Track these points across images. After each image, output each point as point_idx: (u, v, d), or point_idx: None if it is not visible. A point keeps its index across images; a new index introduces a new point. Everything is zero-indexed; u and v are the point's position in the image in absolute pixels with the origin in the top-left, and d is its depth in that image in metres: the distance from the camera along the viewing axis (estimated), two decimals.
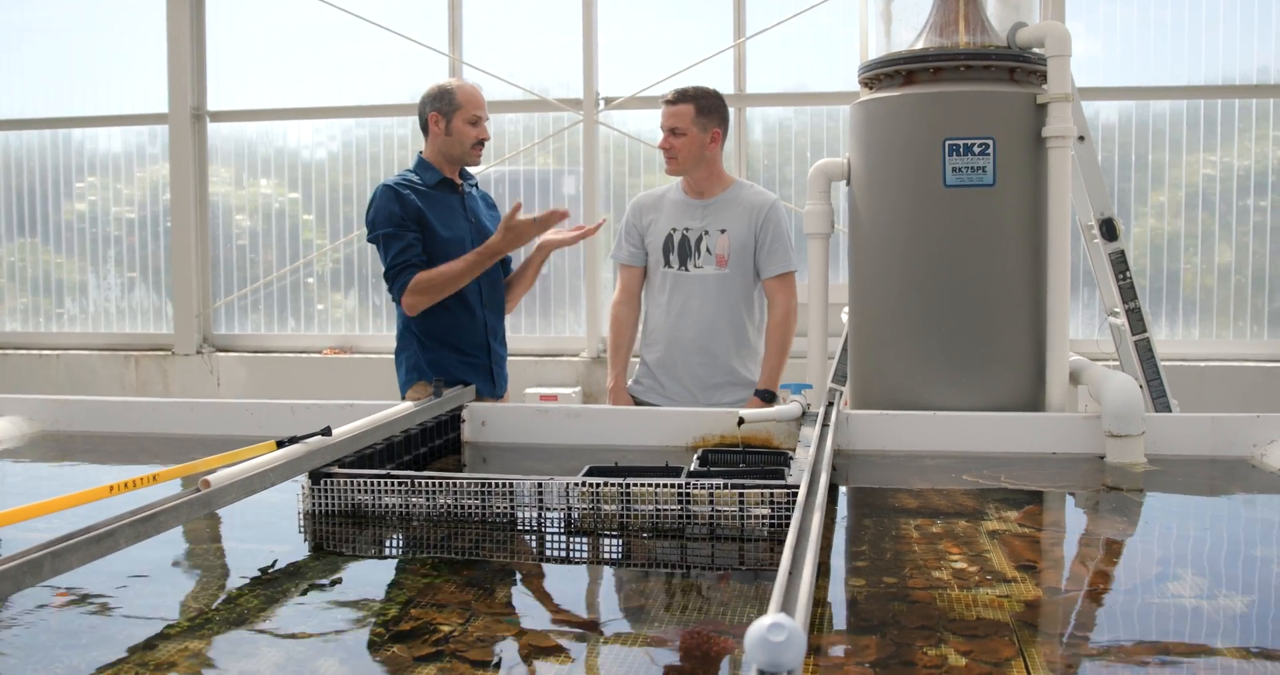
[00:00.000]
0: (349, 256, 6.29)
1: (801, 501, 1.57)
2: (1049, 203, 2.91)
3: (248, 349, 6.29)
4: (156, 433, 3.09)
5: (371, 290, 6.29)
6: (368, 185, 6.24)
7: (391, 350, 6.20)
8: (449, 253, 3.05)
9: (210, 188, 6.33)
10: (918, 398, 2.98)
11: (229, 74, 6.32)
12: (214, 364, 6.18)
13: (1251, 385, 5.28)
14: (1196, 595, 1.65)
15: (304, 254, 6.30)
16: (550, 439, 2.93)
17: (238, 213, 6.40)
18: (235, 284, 6.39)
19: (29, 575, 1.14)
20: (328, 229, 6.29)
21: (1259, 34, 5.52)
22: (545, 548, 1.90)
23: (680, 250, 3.48)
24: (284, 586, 1.64)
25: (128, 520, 1.34)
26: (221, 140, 6.37)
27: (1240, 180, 5.55)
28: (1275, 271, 5.55)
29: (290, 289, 6.35)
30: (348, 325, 6.33)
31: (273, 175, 6.34)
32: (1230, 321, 5.59)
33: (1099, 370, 2.83)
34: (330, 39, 6.27)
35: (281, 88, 6.30)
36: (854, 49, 5.83)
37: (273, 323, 6.38)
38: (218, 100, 6.30)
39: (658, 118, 3.44)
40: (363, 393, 5.77)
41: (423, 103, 3.09)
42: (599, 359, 5.89)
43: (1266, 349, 5.52)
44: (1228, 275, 5.59)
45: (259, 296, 6.37)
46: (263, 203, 6.38)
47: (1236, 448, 2.65)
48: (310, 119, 6.26)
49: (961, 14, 2.98)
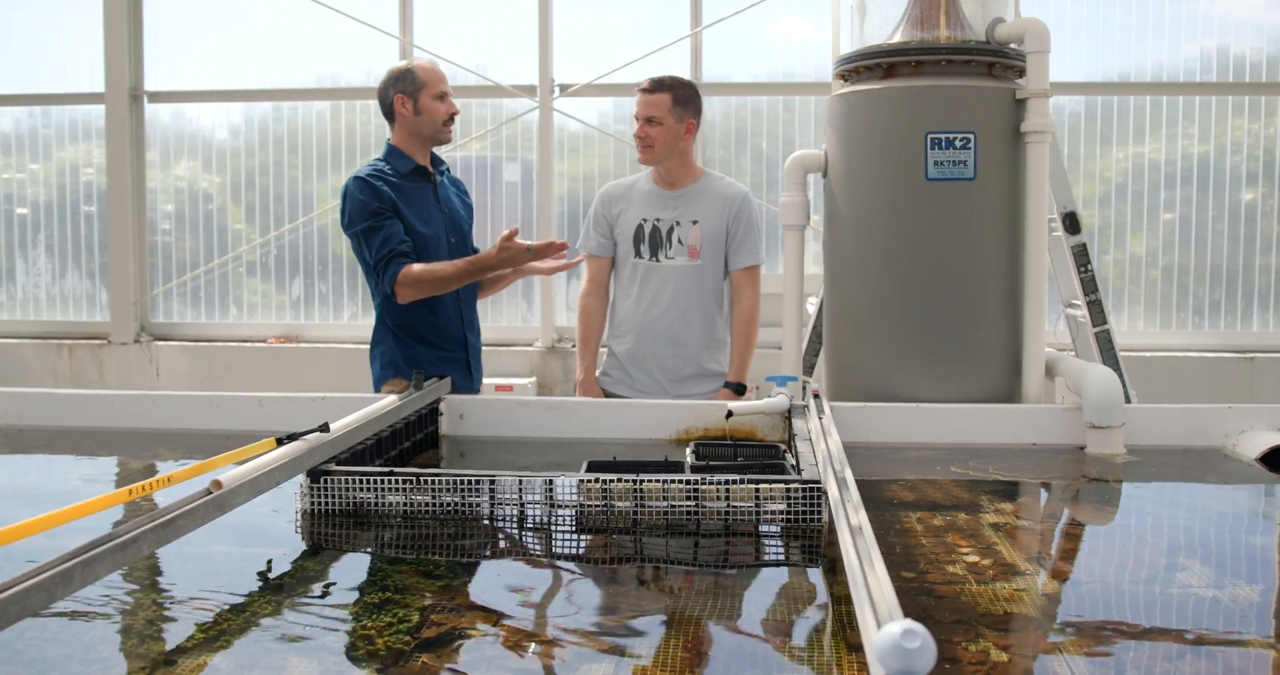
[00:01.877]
0: (293, 243, 6.13)
1: (837, 497, 1.55)
2: (1027, 197, 2.94)
3: (188, 338, 6.10)
4: (115, 427, 2.97)
5: (317, 277, 6.15)
6: (314, 170, 6.09)
7: (338, 339, 6.15)
8: (423, 246, 2.98)
9: (148, 170, 6.11)
10: (896, 389, 3.00)
11: (168, 53, 6.10)
12: (153, 353, 5.98)
13: (1191, 377, 5.44)
14: (1208, 584, 1.68)
15: (246, 240, 6.13)
16: (530, 432, 2.88)
17: (174, 197, 6.19)
18: (175, 270, 6.18)
19: (61, 586, 1.07)
20: (271, 216, 6.12)
21: (1153, 33, 5.68)
22: (556, 545, 1.86)
23: (651, 241, 3.45)
24: (296, 590, 1.58)
25: (149, 526, 1.27)
26: (159, 123, 6.15)
27: (1152, 173, 5.70)
28: (1200, 263, 5.71)
29: (232, 276, 6.17)
30: (292, 313, 6.17)
31: (214, 159, 6.14)
32: (1157, 312, 5.75)
33: (1077, 363, 2.88)
34: (276, 19, 6.09)
35: (224, 68, 6.11)
36: (810, 40, 5.87)
37: (213, 311, 6.20)
38: (156, 80, 6.08)
39: (613, 105, 3.40)
40: (310, 383, 5.62)
41: (384, 88, 3.01)
42: (553, 349, 5.84)
43: (1208, 340, 5.69)
44: (1143, 266, 5.74)
45: (199, 284, 6.18)
46: (204, 187, 6.17)
47: (1209, 438, 2.72)
48: (254, 101, 6.07)
49: (942, 8, 2.99)
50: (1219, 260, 5.71)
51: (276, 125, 6.09)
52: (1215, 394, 5.24)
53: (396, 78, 3.00)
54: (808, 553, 1.80)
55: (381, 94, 3.02)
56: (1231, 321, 5.74)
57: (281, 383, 5.65)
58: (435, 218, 3.05)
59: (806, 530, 1.83)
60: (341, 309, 6.16)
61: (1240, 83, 5.62)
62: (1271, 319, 5.73)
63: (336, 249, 6.12)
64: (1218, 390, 5.31)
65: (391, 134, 3.06)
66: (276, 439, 1.80)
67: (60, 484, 2.51)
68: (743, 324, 3.42)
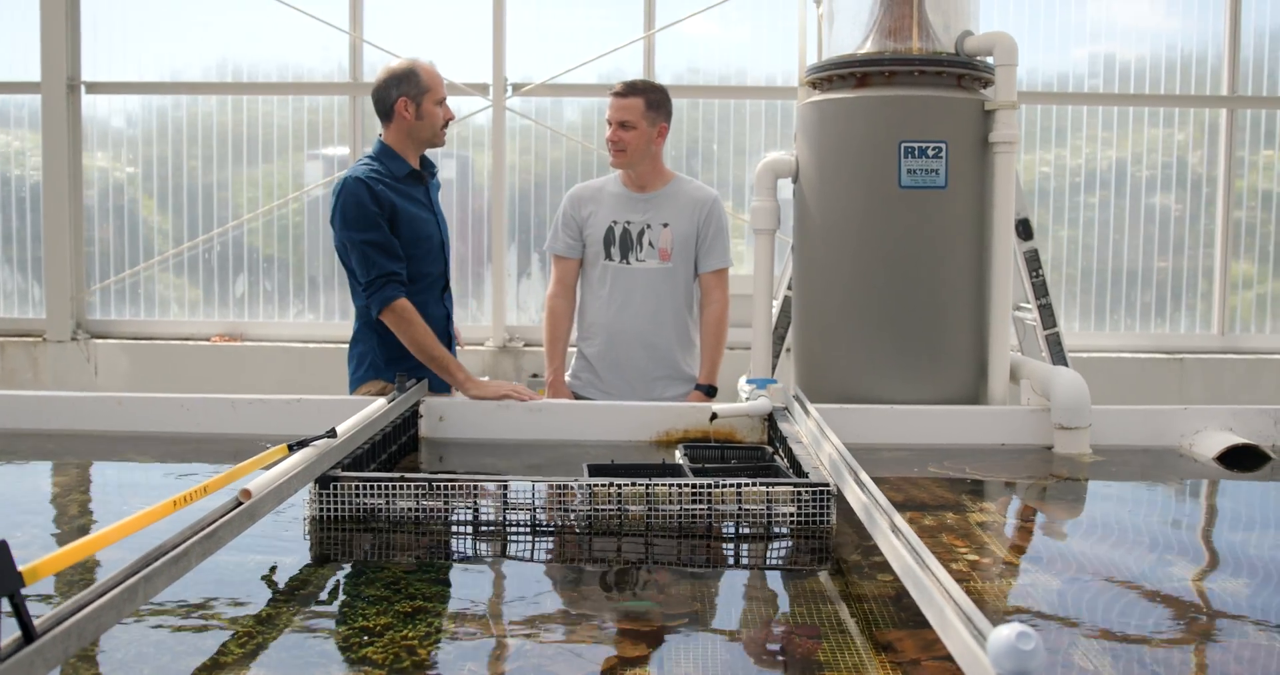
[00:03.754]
0: (237, 239, 6.01)
1: (865, 501, 1.60)
2: (995, 205, 3.04)
3: (127, 336, 5.94)
4: (79, 430, 2.89)
5: (261, 275, 6.03)
6: (259, 164, 5.98)
7: (285, 337, 6.04)
8: (415, 250, 2.95)
9: (84, 163, 5.93)
10: (866, 391, 3.07)
11: (107, 43, 5.93)
12: (90, 351, 5.81)
13: (1125, 375, 5.64)
14: (1200, 577, 1.77)
15: (189, 236, 5.98)
16: (510, 434, 2.89)
17: (113, 191, 6.02)
18: (113, 266, 6.02)
19: (128, 603, 1.06)
20: (215, 213, 5.99)
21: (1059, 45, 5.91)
22: (570, 550, 1.88)
23: (622, 243, 3.47)
24: (322, 601, 1.57)
25: (195, 538, 1.25)
26: (100, 114, 5.98)
27: (1072, 176, 5.92)
28: (1117, 267, 5.94)
29: (174, 272, 6.02)
30: (236, 311, 6.05)
31: (155, 153, 5.98)
32: (1092, 314, 5.96)
33: (1043, 366, 2.99)
34: (223, 9, 5.96)
35: (166, 60, 5.96)
36: (762, 45, 5.94)
37: (154, 308, 6.04)
38: (94, 71, 5.91)
39: (565, 106, 3.40)
40: (255, 383, 5.53)
41: (385, 88, 2.95)
42: (505, 348, 5.82)
43: (1139, 341, 5.92)
44: (1063, 267, 5.96)
45: (139, 280, 6.02)
46: (143, 182, 6.01)
47: (1166, 438, 2.85)
48: (197, 94, 5.93)
49: (915, 20, 3.07)
50: (1135, 265, 5.94)
51: (221, 118, 5.96)
52: (1148, 395, 5.45)
53: (400, 79, 2.94)
54: (818, 555, 1.85)
55: (381, 94, 2.96)
56: (1161, 323, 5.97)
57: (228, 382, 5.54)
58: (427, 220, 3.03)
59: (816, 532, 1.88)
60: (287, 307, 6.06)
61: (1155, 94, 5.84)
62: (1198, 321, 5.98)
63: (269, 249, 6.02)
64: (1150, 391, 5.52)
65: (385, 133, 3.01)
66: (288, 445, 1.79)
67: (33, 495, 2.44)
68: (713, 327, 3.45)
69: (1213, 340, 5.92)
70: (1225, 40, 5.82)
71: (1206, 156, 5.93)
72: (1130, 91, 5.85)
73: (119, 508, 2.18)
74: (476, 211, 5.96)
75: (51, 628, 0.92)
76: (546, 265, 6.06)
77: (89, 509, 2.20)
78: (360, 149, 5.90)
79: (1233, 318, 5.97)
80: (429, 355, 2.90)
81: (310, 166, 6.06)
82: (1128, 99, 5.85)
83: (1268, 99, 5.85)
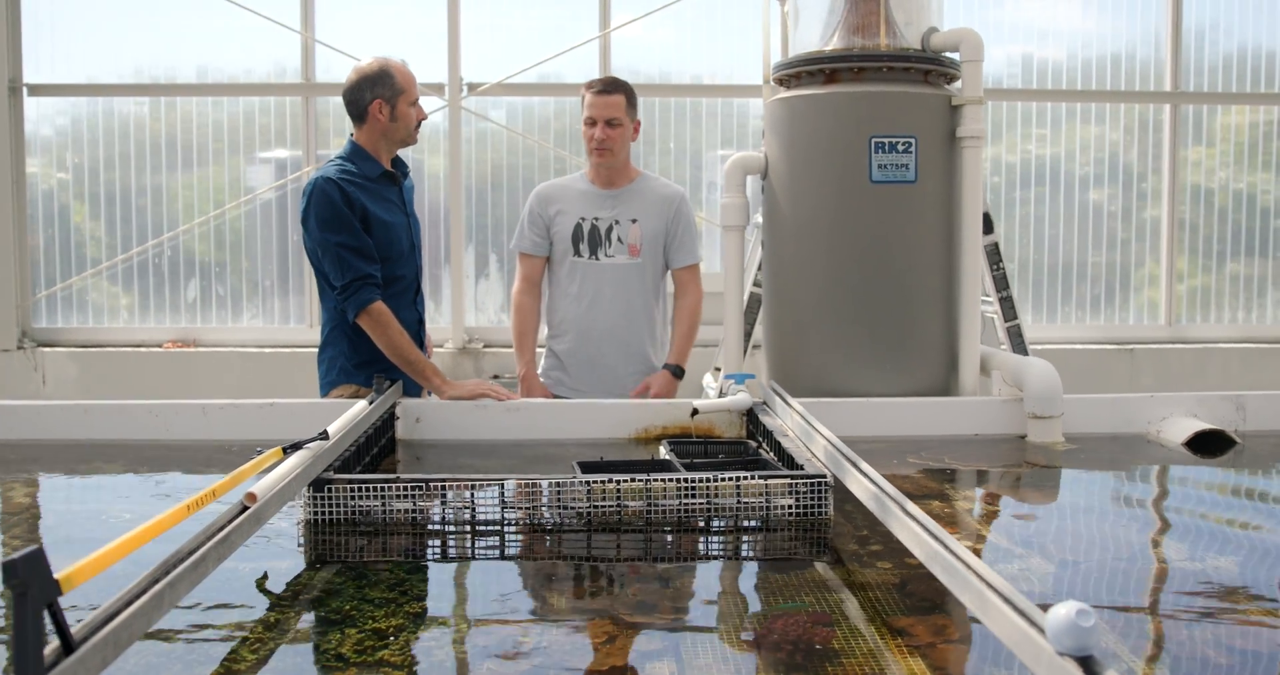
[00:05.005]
0: (188, 243, 5.89)
1: (873, 491, 1.62)
2: (963, 198, 3.09)
3: (75, 343, 5.79)
4: (45, 440, 2.82)
5: (214, 279, 5.92)
6: (210, 167, 5.86)
7: (239, 343, 5.93)
8: (388, 252, 2.91)
9: (28, 168, 5.78)
10: (838, 384, 3.10)
11: (49, 43, 5.77)
12: (38, 360, 5.65)
13: (1078, 366, 5.76)
14: (1187, 558, 1.82)
15: (138, 242, 5.85)
16: (488, 434, 2.87)
17: (56, 195, 5.86)
18: (59, 273, 5.86)
19: (155, 609, 1.03)
20: (164, 216, 5.86)
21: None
22: (569, 547, 1.87)
23: (590, 239, 3.47)
24: (328, 605, 1.55)
25: (210, 543, 1.23)
26: (44, 116, 5.83)
27: (1009, 172, 6.05)
28: (1053, 261, 6.07)
29: (123, 278, 5.88)
30: (188, 316, 5.93)
31: (101, 156, 5.84)
32: (1044, 306, 6.09)
33: (1013, 357, 3.04)
34: (167, 9, 5.84)
35: (111, 61, 5.82)
36: (714, 43, 5.97)
37: (102, 315, 5.90)
38: (37, 72, 5.75)
39: (520, 105, 3.36)
40: (213, 388, 5.43)
41: (358, 89, 2.90)
42: (464, 350, 5.78)
43: (1090, 332, 6.06)
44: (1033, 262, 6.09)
45: (86, 286, 5.88)
46: (89, 186, 5.86)
47: (1134, 425, 2.92)
48: (145, 96, 5.80)
49: (882, 17, 3.11)
50: (1080, 258, 6.07)
51: (170, 119, 5.84)
52: (1102, 384, 5.57)
53: (374, 80, 2.89)
54: (817, 545, 1.86)
55: (354, 95, 2.90)
56: (1111, 315, 6.11)
57: (182, 389, 5.43)
58: (399, 222, 2.99)
59: (815, 523, 1.89)
60: (241, 311, 5.95)
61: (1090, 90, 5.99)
62: (1146, 313, 6.13)
63: (220, 255, 5.91)
64: (1103, 381, 5.65)
65: (357, 134, 2.96)
66: (283, 448, 1.76)
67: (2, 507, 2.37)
68: (687, 313, 3.44)
69: (1161, 330, 6.08)
70: (1168, 38, 5.98)
71: (1151, 152, 6.08)
72: (1063, 87, 5.98)
73: (101, 518, 2.13)
74: (433, 212, 5.91)
75: (88, 637, 0.90)
76: (504, 266, 6.04)
77: (71, 519, 2.15)
78: (314, 151, 5.82)
79: (1179, 309, 6.13)
80: (405, 359, 2.87)
81: (256, 170, 5.94)
82: (1061, 95, 5.98)
83: (1208, 94, 6.02)
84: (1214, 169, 6.16)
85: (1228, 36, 6.09)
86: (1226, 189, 6.15)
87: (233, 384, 5.52)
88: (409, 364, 2.87)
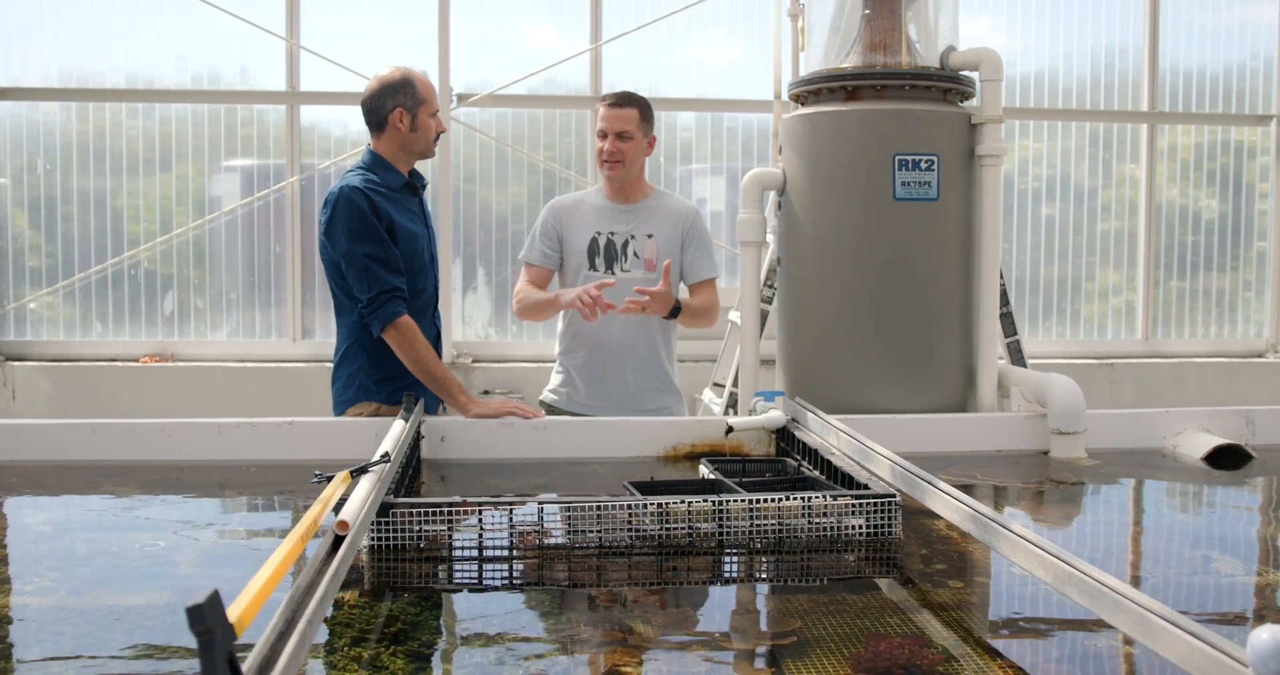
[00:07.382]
0: (165, 253, 5.75)
1: (966, 511, 1.61)
2: (983, 216, 3.11)
3: (47, 357, 5.62)
4: (52, 461, 2.72)
5: (192, 292, 5.79)
6: (189, 176, 5.74)
7: (217, 357, 5.80)
8: (411, 264, 2.86)
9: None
10: (859, 401, 3.10)
11: (21, 47, 5.62)
12: (7, 374, 5.48)
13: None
14: (1239, 573, 1.84)
15: (113, 254, 5.70)
16: (515, 453, 2.83)
17: (29, 201, 5.70)
18: (29, 284, 5.70)
19: (301, 650, 0.98)
20: (141, 226, 5.73)
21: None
22: (644, 571, 1.84)
23: (606, 254, 3.44)
24: (415, 637, 1.49)
25: (329, 576, 1.18)
26: (13, 120, 5.67)
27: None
28: (1049, 274, 6.17)
29: (96, 289, 5.73)
30: (165, 330, 5.79)
31: (75, 161, 5.69)
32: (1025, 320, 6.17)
33: (1034, 374, 3.07)
34: (143, 12, 5.72)
35: (88, 64, 5.68)
36: (706, 57, 5.98)
37: (74, 328, 5.74)
38: (9, 75, 5.59)
39: (510, 116, 3.29)
40: (191, 404, 5.31)
41: (379, 98, 2.85)
42: (453, 364, 5.71)
43: (1069, 347, 6.15)
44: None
45: (58, 298, 5.72)
46: (63, 195, 5.71)
47: (1150, 440, 2.96)
48: (121, 102, 5.67)
49: (902, 35, 3.13)
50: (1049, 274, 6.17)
51: (148, 126, 5.71)
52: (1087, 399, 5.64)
53: (395, 89, 2.84)
54: (888, 565, 1.85)
55: (375, 103, 2.85)
56: (1090, 330, 6.21)
57: (161, 405, 5.29)
58: (421, 233, 2.95)
59: (884, 543, 1.89)
60: (220, 325, 5.83)
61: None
62: (1124, 328, 6.25)
63: (199, 267, 5.79)
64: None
65: (376, 144, 2.90)
66: (350, 472, 1.71)
67: (23, 534, 2.28)
68: (702, 302, 3.35)
69: (1138, 345, 6.19)
70: (1145, 52, 6.12)
71: (1129, 172, 6.20)
72: (1030, 106, 6.10)
73: (137, 547, 2.05)
74: None
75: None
76: (492, 279, 5.98)
77: (106, 550, 2.07)
78: (298, 159, 5.73)
79: (1153, 324, 6.24)
80: (431, 375, 2.81)
81: (223, 178, 5.82)
82: (1029, 113, 6.09)
83: (1184, 115, 6.16)
84: (1187, 189, 6.31)
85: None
86: (1200, 205, 6.30)
87: (213, 400, 5.40)
88: (435, 380, 2.82)
